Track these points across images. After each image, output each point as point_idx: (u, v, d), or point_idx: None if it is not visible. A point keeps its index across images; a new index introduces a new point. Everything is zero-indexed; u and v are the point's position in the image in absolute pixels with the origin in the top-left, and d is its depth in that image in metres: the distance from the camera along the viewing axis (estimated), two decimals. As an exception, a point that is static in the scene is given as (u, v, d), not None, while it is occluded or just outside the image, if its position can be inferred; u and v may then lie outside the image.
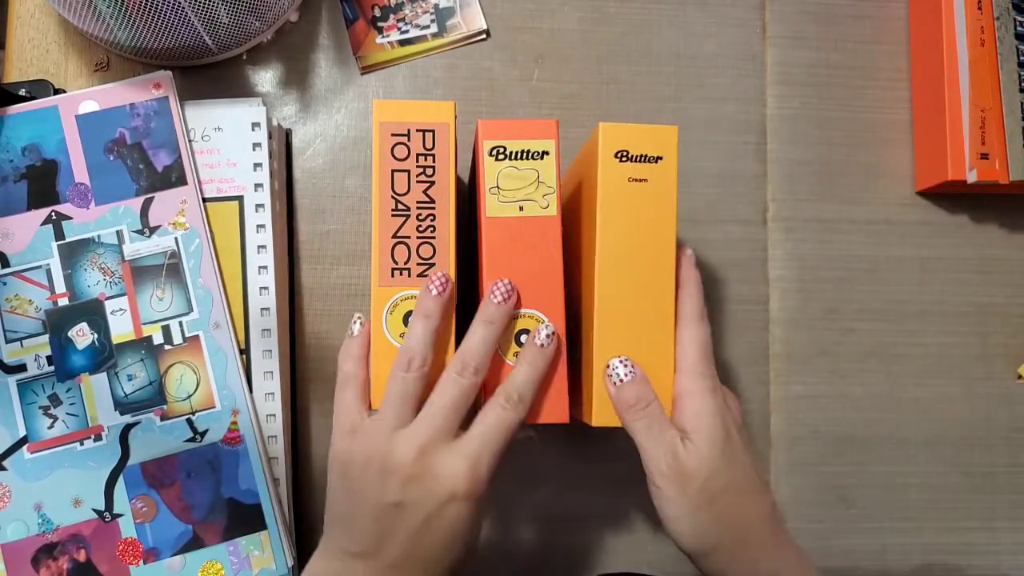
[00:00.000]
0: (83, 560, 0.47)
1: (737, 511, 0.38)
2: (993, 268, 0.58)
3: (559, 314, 0.40)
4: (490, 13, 0.58)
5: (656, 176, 0.41)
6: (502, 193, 0.40)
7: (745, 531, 0.39)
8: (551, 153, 0.41)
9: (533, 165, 0.41)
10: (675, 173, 0.41)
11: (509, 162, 0.41)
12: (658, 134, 0.41)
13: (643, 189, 0.40)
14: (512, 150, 0.41)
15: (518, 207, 0.41)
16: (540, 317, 0.40)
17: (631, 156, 0.40)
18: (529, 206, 0.41)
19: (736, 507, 0.38)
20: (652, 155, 0.41)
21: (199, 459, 0.48)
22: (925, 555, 0.55)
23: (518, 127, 0.41)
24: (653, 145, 0.41)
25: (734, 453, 0.39)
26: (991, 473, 0.56)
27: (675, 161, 0.41)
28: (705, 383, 0.39)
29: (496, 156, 0.40)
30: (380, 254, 0.40)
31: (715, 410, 0.39)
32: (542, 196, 0.41)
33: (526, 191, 0.41)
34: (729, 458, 0.38)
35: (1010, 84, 0.54)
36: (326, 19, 0.57)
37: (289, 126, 0.56)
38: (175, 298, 0.49)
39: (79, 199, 0.50)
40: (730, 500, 0.38)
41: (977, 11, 0.55)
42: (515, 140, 0.41)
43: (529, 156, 0.41)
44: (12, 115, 0.50)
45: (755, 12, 0.59)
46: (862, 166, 0.58)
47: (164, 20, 0.48)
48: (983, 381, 0.57)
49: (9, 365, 0.48)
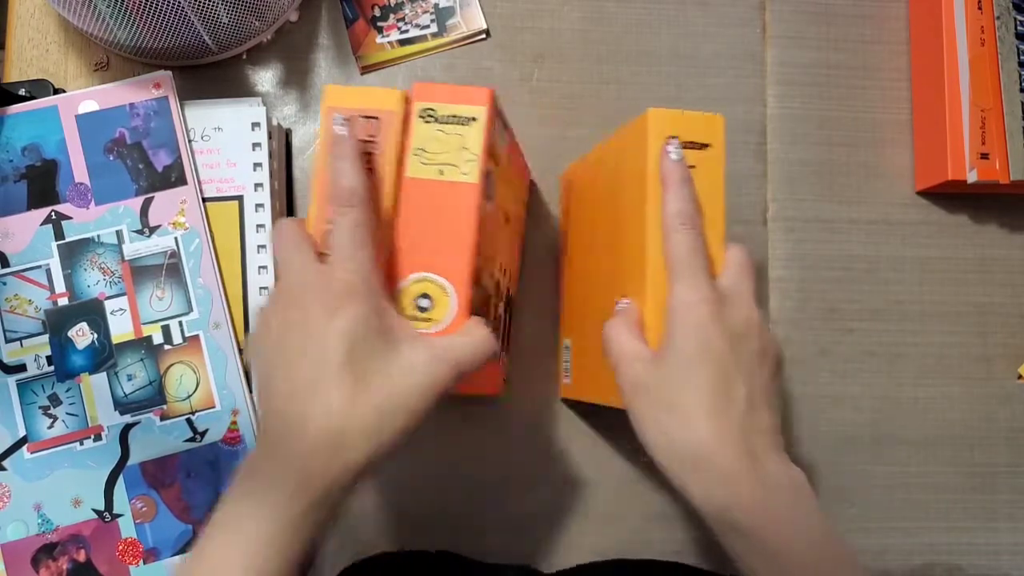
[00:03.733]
0: (83, 560, 0.47)
1: (677, 436, 0.36)
2: (993, 268, 0.58)
3: (464, 283, 0.38)
4: (490, 13, 0.58)
5: (704, 163, 0.41)
6: (424, 155, 0.39)
7: (693, 460, 0.36)
8: (479, 120, 0.39)
9: (459, 130, 0.40)
10: (723, 160, 0.41)
11: (437, 125, 0.40)
12: (706, 122, 0.41)
13: (692, 175, 0.40)
14: (441, 113, 0.40)
15: (438, 171, 0.39)
16: (442, 283, 0.38)
17: (681, 143, 0.40)
18: (449, 171, 0.39)
19: (678, 432, 0.36)
20: (700, 142, 0.41)
21: (199, 459, 0.48)
22: (925, 555, 0.55)
23: (451, 91, 0.40)
24: (701, 132, 0.41)
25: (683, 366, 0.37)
26: (991, 473, 0.56)
27: (723, 148, 0.41)
28: (673, 292, 0.38)
29: (425, 118, 0.40)
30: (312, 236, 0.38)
31: (675, 319, 0.37)
32: (464, 162, 0.39)
33: (448, 155, 0.39)
34: (674, 371, 0.37)
35: (1010, 84, 0.54)
36: (326, 19, 0.57)
37: (289, 126, 0.56)
38: (175, 298, 0.49)
39: (79, 199, 0.50)
40: (676, 420, 0.36)
41: (977, 11, 0.55)
42: (445, 104, 0.40)
43: (457, 121, 0.40)
44: (12, 115, 0.50)
45: (755, 12, 0.59)
46: (862, 166, 0.58)
47: (164, 20, 0.48)
48: (983, 381, 0.57)
49: (9, 365, 0.48)
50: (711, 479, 0.36)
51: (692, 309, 0.37)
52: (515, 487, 0.54)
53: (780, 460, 0.37)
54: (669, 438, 0.37)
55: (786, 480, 0.36)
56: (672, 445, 0.37)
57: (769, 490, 0.36)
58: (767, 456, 0.36)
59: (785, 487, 0.36)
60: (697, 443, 0.36)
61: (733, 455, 0.36)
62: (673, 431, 0.37)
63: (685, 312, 0.37)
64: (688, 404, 0.36)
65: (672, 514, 0.54)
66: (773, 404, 0.38)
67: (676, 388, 0.37)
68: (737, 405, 0.36)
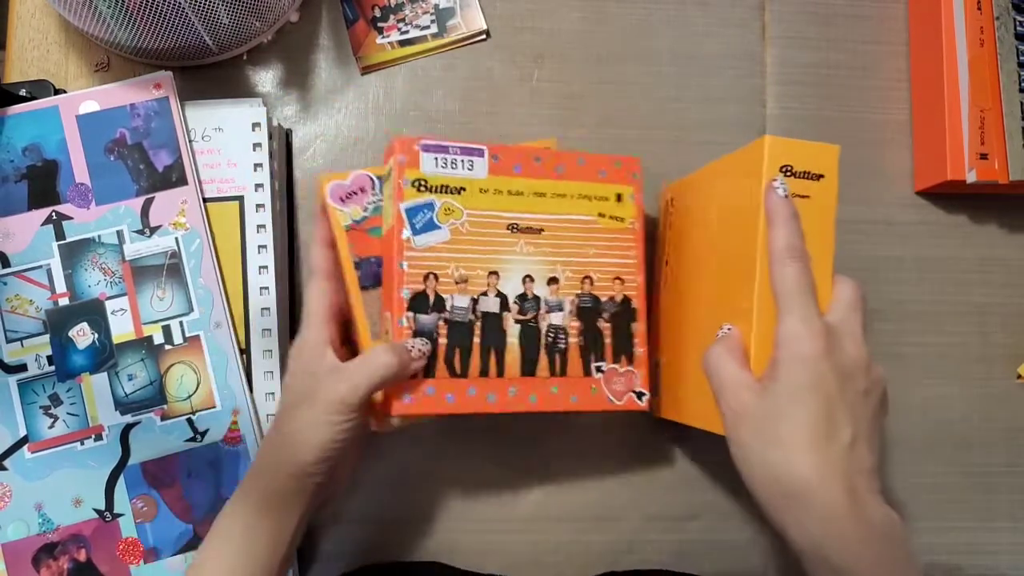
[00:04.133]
0: (83, 560, 0.47)
1: (780, 470, 0.37)
2: (992, 268, 0.58)
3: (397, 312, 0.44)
4: (490, 13, 0.58)
5: (817, 193, 0.41)
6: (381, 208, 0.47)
7: (792, 493, 0.36)
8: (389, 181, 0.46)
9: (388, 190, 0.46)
10: (836, 192, 0.41)
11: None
12: (821, 152, 0.41)
13: (805, 205, 0.40)
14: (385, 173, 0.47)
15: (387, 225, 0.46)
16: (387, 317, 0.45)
17: (795, 172, 0.41)
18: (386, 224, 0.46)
19: (780, 466, 0.37)
20: (815, 172, 0.41)
21: (199, 459, 0.48)
22: (925, 555, 0.55)
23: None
24: (816, 163, 0.41)
25: (784, 402, 0.37)
26: (990, 473, 0.56)
27: (836, 180, 0.41)
28: (783, 323, 0.38)
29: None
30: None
31: (784, 351, 0.38)
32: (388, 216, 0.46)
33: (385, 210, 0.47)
34: (779, 408, 0.37)
35: (1010, 84, 0.54)
36: (326, 19, 0.57)
37: (289, 126, 0.56)
38: (175, 298, 0.49)
39: (80, 199, 0.50)
40: (778, 452, 0.37)
41: (977, 11, 0.55)
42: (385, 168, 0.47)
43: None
44: (13, 115, 0.50)
45: (755, 12, 0.59)
46: (862, 166, 0.58)
47: (164, 20, 0.48)
48: (983, 381, 0.57)
49: (10, 365, 0.48)
50: (809, 515, 0.36)
51: (803, 342, 0.37)
52: (512, 490, 0.54)
53: (879, 502, 0.37)
54: (769, 470, 0.37)
55: (885, 523, 0.36)
56: (772, 477, 0.37)
57: (867, 531, 0.36)
58: (867, 497, 0.36)
59: (883, 530, 0.36)
60: (798, 477, 0.36)
61: (834, 492, 0.35)
62: (774, 463, 0.37)
63: (795, 344, 0.37)
64: (792, 437, 0.36)
65: (672, 514, 0.54)
66: (875, 445, 0.38)
67: (781, 420, 0.37)
68: (841, 443, 0.36)
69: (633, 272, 0.48)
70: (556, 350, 0.46)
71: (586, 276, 0.47)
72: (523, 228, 0.46)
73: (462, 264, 0.45)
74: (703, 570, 0.53)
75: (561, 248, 0.47)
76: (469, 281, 0.45)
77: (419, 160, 0.45)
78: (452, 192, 0.45)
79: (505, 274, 0.46)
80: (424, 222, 0.45)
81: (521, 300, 0.46)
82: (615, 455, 0.54)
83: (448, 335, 0.45)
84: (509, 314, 0.46)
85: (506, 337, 0.46)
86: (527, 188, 0.47)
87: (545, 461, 0.54)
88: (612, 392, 0.47)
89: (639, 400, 0.47)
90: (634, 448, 0.54)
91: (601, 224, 0.48)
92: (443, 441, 0.53)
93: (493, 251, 0.46)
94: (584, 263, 0.47)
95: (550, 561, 0.53)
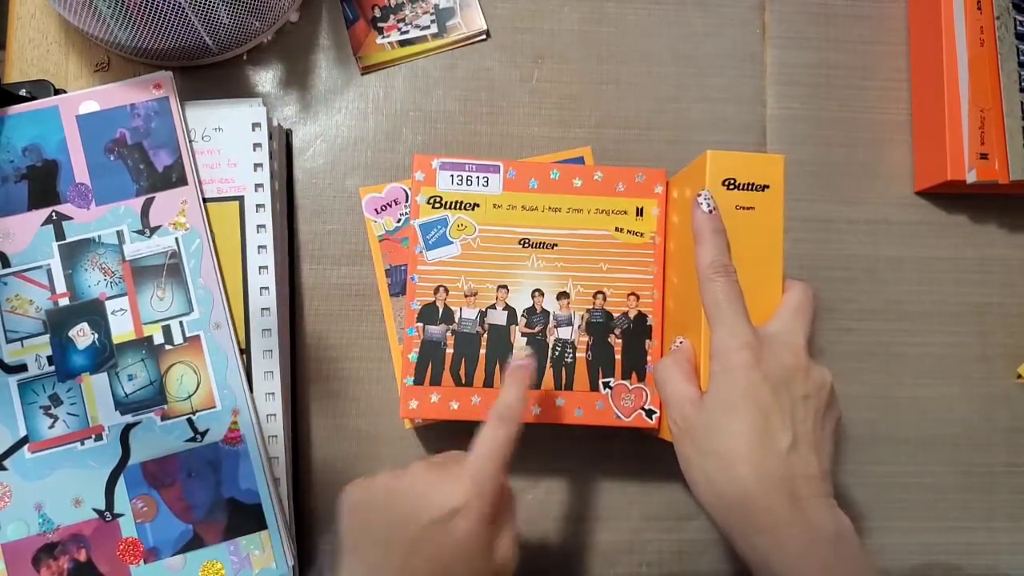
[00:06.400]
0: (83, 560, 0.47)
1: (720, 481, 0.37)
2: (993, 268, 0.58)
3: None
4: (490, 13, 0.58)
5: (763, 204, 0.42)
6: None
7: (733, 505, 0.37)
8: None
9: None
10: (781, 202, 0.42)
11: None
12: (764, 163, 0.42)
13: (750, 217, 0.41)
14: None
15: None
16: None
17: (739, 184, 0.41)
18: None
19: (720, 477, 0.37)
20: (759, 184, 0.41)
21: (199, 459, 0.48)
22: (924, 555, 0.55)
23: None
24: (761, 174, 0.42)
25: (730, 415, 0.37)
26: (990, 473, 0.56)
27: (781, 190, 0.42)
28: (713, 337, 0.39)
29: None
30: None
31: (716, 364, 0.38)
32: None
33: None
34: (723, 420, 0.37)
35: (1010, 84, 0.54)
36: (326, 19, 0.57)
37: (289, 126, 0.56)
38: (175, 298, 0.50)
39: (80, 199, 0.50)
40: (717, 464, 0.37)
41: (977, 11, 0.55)
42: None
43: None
44: (13, 115, 0.50)
45: (755, 12, 0.59)
46: (862, 166, 0.58)
47: (164, 20, 0.48)
48: (983, 381, 0.57)
49: (10, 365, 0.48)
50: (752, 524, 0.36)
51: (730, 354, 0.38)
52: (512, 490, 0.54)
53: (825, 507, 0.36)
54: (711, 482, 0.37)
55: (831, 528, 0.36)
56: (714, 489, 0.37)
57: (811, 539, 0.35)
58: (811, 503, 0.36)
59: (828, 537, 0.36)
60: (738, 488, 0.36)
61: (773, 500, 0.35)
62: (715, 475, 0.37)
63: (724, 357, 0.38)
64: (729, 449, 0.37)
65: (672, 514, 0.54)
66: (822, 449, 0.38)
67: (717, 432, 0.37)
68: (778, 450, 0.36)
69: (649, 288, 0.48)
70: (563, 364, 0.47)
71: (598, 291, 0.48)
72: (535, 243, 0.48)
73: (472, 278, 0.47)
74: (703, 570, 0.53)
75: (574, 263, 0.48)
76: (478, 294, 0.47)
77: (435, 178, 0.47)
78: (466, 208, 0.47)
79: (515, 288, 0.47)
80: (436, 237, 0.47)
81: (529, 314, 0.47)
82: (615, 455, 0.54)
83: (455, 345, 0.47)
84: (516, 327, 0.47)
85: (512, 350, 0.47)
86: (542, 203, 0.48)
87: (545, 461, 0.54)
88: (620, 408, 0.47)
89: (648, 418, 0.48)
90: (634, 448, 0.54)
91: (618, 239, 0.48)
92: (444, 442, 0.53)
93: (503, 265, 0.47)
94: (597, 278, 0.48)
95: (550, 561, 0.53)
